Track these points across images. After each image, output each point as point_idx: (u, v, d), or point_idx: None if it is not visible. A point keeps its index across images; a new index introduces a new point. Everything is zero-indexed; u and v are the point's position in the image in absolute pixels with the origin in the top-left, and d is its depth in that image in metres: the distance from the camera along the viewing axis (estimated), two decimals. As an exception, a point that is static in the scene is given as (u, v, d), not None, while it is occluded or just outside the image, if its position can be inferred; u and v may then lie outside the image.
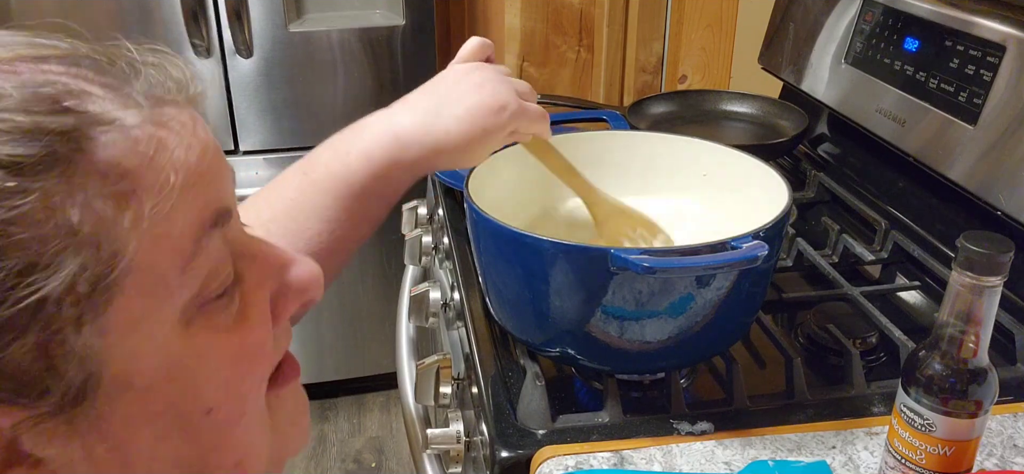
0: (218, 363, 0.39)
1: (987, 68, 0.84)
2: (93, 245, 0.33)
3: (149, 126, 0.36)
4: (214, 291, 0.39)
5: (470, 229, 0.72)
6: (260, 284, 0.42)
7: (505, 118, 0.67)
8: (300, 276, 0.45)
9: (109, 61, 0.38)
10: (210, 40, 1.69)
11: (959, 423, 0.52)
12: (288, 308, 0.44)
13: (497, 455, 0.64)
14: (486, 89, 0.67)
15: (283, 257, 0.45)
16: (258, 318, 0.42)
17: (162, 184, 0.35)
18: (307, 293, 0.45)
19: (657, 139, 0.84)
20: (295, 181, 0.66)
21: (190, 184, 0.37)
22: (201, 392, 0.39)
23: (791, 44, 1.21)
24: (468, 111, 0.66)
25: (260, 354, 0.42)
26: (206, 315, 0.38)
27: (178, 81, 0.40)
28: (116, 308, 0.34)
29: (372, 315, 2.05)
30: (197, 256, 0.37)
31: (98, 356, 0.34)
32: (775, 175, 0.72)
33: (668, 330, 0.63)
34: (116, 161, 0.34)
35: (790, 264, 0.92)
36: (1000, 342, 0.76)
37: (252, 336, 0.41)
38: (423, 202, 1.21)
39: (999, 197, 0.81)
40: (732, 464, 0.62)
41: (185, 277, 0.37)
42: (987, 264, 0.49)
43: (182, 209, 0.36)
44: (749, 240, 0.59)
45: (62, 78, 0.35)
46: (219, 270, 0.39)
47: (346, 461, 2.02)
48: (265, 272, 0.43)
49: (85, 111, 0.34)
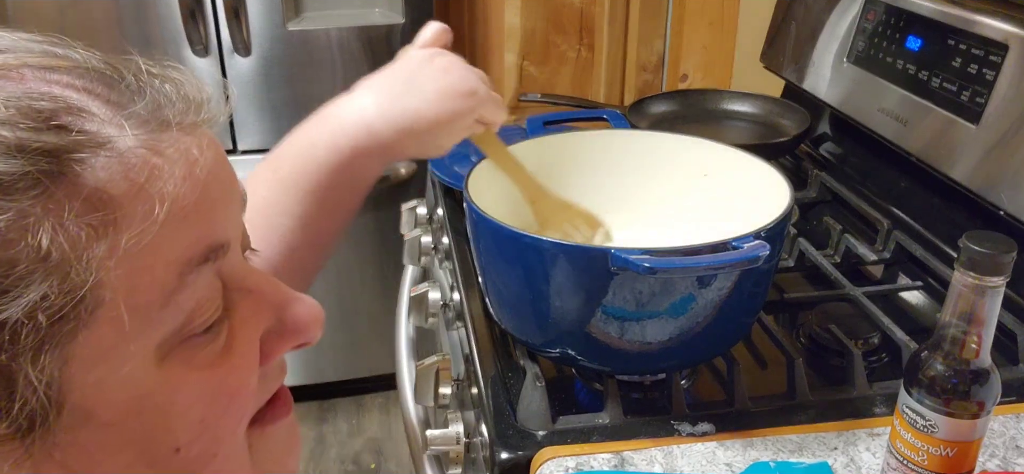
0: (193, 400, 0.37)
1: (990, 67, 0.84)
2: (61, 272, 0.31)
3: (144, 151, 0.34)
4: (198, 327, 0.37)
5: (470, 229, 0.72)
6: (252, 320, 0.40)
7: (473, 102, 0.66)
8: (298, 316, 0.42)
9: (118, 77, 0.36)
10: (208, 39, 1.68)
11: (961, 424, 0.52)
12: (281, 348, 0.42)
13: (497, 456, 0.63)
14: (454, 72, 0.66)
15: (282, 294, 0.42)
16: (243, 356, 0.40)
17: (145, 214, 0.33)
18: (304, 335, 0.43)
19: (658, 138, 0.84)
20: (264, 179, 0.65)
21: (180, 216, 0.35)
22: (171, 429, 0.37)
23: (793, 43, 1.21)
24: (437, 93, 0.65)
25: (241, 394, 0.40)
26: (186, 350, 0.37)
27: (193, 101, 0.38)
28: (83, 339, 0.33)
29: (371, 315, 2.05)
30: (181, 291, 0.35)
31: (59, 385, 0.33)
32: (777, 175, 0.72)
33: (669, 331, 0.63)
34: (101, 187, 0.32)
35: (792, 264, 0.92)
36: (1003, 342, 0.75)
37: (234, 375, 0.39)
38: (423, 202, 1.21)
39: (1002, 197, 0.80)
40: (733, 465, 0.62)
41: (165, 312, 0.35)
42: (990, 264, 0.48)
43: (167, 241, 0.34)
44: (750, 240, 0.59)
45: (65, 92, 0.34)
46: (206, 306, 0.37)
47: (345, 463, 2.01)
48: (260, 308, 0.41)
49: (78, 130, 0.33)
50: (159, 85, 0.37)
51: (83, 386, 0.33)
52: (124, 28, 1.65)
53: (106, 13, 1.63)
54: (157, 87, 0.37)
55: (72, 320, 0.32)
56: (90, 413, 0.34)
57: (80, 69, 0.36)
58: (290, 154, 0.65)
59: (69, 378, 0.33)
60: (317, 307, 0.43)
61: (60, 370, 0.32)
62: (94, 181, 0.32)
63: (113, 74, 0.36)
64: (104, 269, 0.32)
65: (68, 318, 0.32)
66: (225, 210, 0.39)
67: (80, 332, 0.32)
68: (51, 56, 0.35)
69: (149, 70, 0.37)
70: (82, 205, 0.32)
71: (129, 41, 1.66)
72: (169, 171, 0.35)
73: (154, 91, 0.36)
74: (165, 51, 1.67)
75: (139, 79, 0.37)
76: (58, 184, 0.32)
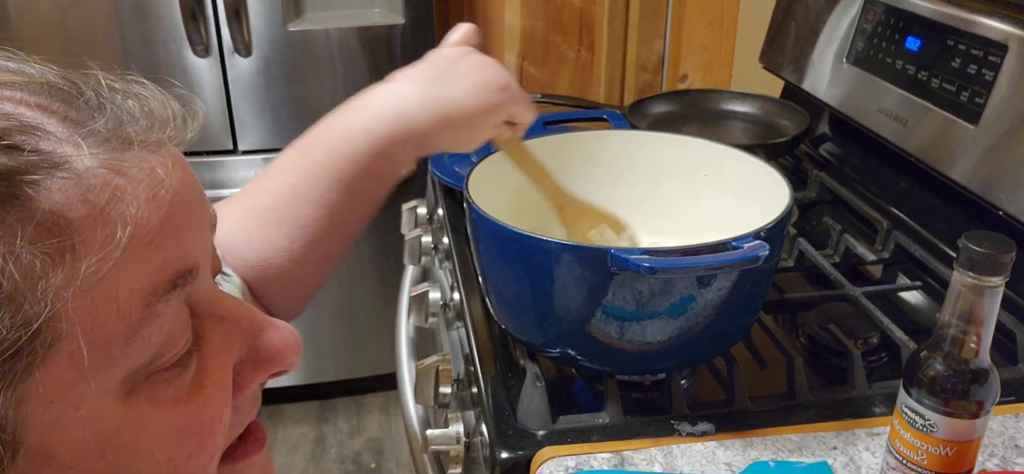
0: (160, 438, 0.35)
1: (989, 68, 0.84)
2: (14, 304, 0.29)
3: (104, 171, 0.31)
4: (166, 361, 0.34)
5: (470, 229, 0.72)
6: (224, 350, 0.38)
7: (507, 97, 0.66)
8: (272, 344, 0.40)
9: (76, 92, 0.34)
10: (209, 39, 1.68)
11: (961, 423, 0.52)
12: (255, 378, 0.40)
13: (497, 456, 0.63)
14: (490, 68, 0.66)
15: (256, 321, 0.40)
16: (215, 390, 0.37)
17: (106, 240, 0.31)
18: (279, 363, 0.40)
19: (658, 138, 0.84)
20: (293, 164, 0.64)
21: (145, 241, 0.32)
22: (137, 470, 0.34)
23: (792, 43, 1.21)
24: (475, 85, 0.65)
25: (212, 430, 0.37)
26: (152, 385, 0.34)
27: (158, 118, 0.35)
28: (40, 376, 0.30)
29: (371, 315, 2.05)
30: (148, 323, 0.33)
31: (14, 427, 0.30)
32: (776, 175, 0.72)
33: (669, 330, 0.63)
34: (57, 210, 0.30)
35: (791, 264, 0.92)
36: (1002, 342, 0.76)
37: (205, 410, 0.36)
38: (423, 202, 1.21)
39: (1001, 197, 0.80)
40: (733, 465, 0.62)
41: (130, 346, 0.32)
42: (989, 264, 0.49)
43: (131, 269, 0.32)
44: (750, 240, 0.59)
45: (18, 109, 0.31)
46: (175, 339, 0.34)
47: (345, 462, 2.01)
48: (233, 337, 0.38)
49: (32, 150, 0.30)
50: (121, 100, 0.34)
51: (41, 426, 0.31)
52: (125, 29, 1.65)
53: (107, 14, 1.64)
54: (119, 103, 0.34)
55: (27, 356, 0.30)
56: (49, 454, 0.32)
57: (35, 84, 0.33)
58: (323, 140, 0.63)
59: (25, 418, 0.31)
60: (293, 333, 0.41)
61: (15, 410, 0.30)
62: (49, 204, 0.30)
63: (71, 89, 0.34)
64: (61, 300, 0.30)
65: (22, 354, 0.29)
66: (193, 233, 0.36)
67: (36, 369, 0.30)
68: (3, 71, 0.33)
69: (111, 85, 0.35)
70: (36, 230, 0.29)
71: (130, 42, 1.66)
72: (132, 192, 0.32)
73: (116, 107, 0.34)
74: (166, 51, 1.67)
75: (99, 94, 0.34)
76: (9, 208, 0.29)
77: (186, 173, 0.36)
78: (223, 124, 1.76)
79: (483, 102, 0.65)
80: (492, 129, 0.68)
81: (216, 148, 1.78)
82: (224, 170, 1.78)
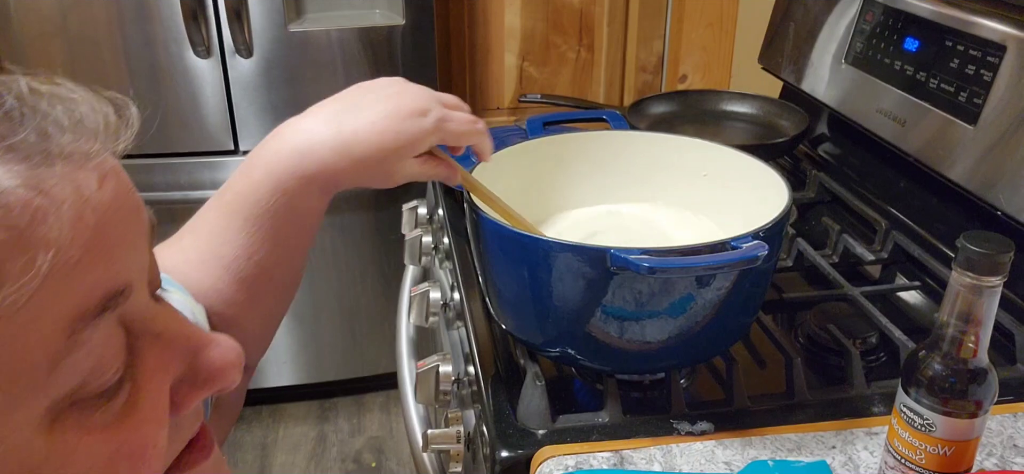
0: (89, 466, 0.32)
1: (987, 68, 0.84)
2: None
3: (24, 191, 0.29)
4: (96, 387, 0.32)
5: (470, 229, 0.72)
6: (161, 370, 0.35)
7: (427, 123, 0.60)
8: (212, 361, 0.37)
9: None
10: (210, 40, 1.69)
11: (959, 423, 0.52)
12: (194, 397, 0.37)
13: (497, 455, 0.64)
14: (405, 95, 0.61)
15: (195, 337, 0.37)
16: (150, 411, 0.34)
17: (25, 266, 0.28)
18: (219, 381, 0.37)
19: (657, 139, 0.84)
20: (212, 206, 0.61)
21: (70, 264, 0.30)
22: None
23: (791, 44, 1.21)
24: (382, 114, 0.59)
25: (145, 455, 0.34)
26: (81, 411, 0.32)
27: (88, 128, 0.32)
28: None
29: (372, 315, 2.05)
30: (74, 351, 0.30)
31: None
32: (775, 175, 0.72)
33: (668, 330, 0.63)
34: None
35: (790, 264, 0.92)
36: (1000, 342, 0.76)
37: (138, 434, 0.34)
38: (423, 202, 1.21)
39: (999, 197, 0.81)
40: (732, 464, 0.62)
41: (55, 376, 0.30)
42: (987, 264, 0.49)
43: (54, 295, 0.29)
44: (749, 240, 0.59)
45: None
46: (105, 364, 0.32)
47: (346, 461, 2.02)
48: (170, 355, 0.36)
49: None
50: (47, 108, 0.31)
51: None
52: (126, 29, 1.65)
53: (108, 14, 1.64)
54: (44, 111, 0.31)
55: None
56: None
57: None
58: (234, 178, 0.60)
59: None
60: (234, 349, 0.38)
61: None
62: None
63: None
64: None
65: None
66: (126, 249, 0.33)
67: None
68: None
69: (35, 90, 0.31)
70: None
71: (131, 43, 1.66)
72: (55, 214, 0.29)
73: (40, 117, 0.30)
74: (167, 52, 1.68)
75: (22, 103, 0.30)
76: None
77: (120, 183, 0.33)
78: (224, 125, 1.76)
79: (390, 132, 0.59)
80: (415, 164, 0.62)
81: (217, 149, 1.78)
82: (225, 170, 1.78)
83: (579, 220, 0.82)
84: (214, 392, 0.38)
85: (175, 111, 1.73)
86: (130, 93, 0.35)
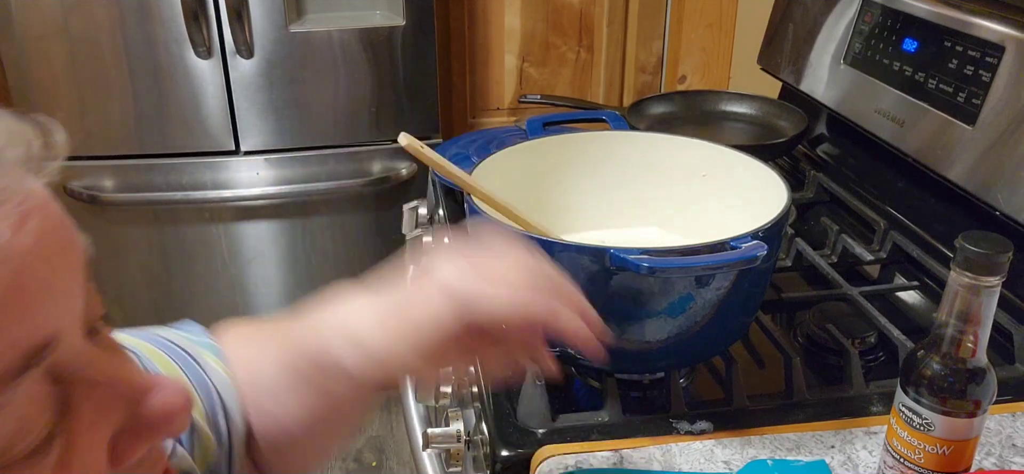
0: None
1: (986, 69, 0.84)
2: None
3: None
4: (21, 451, 0.28)
5: (470, 229, 0.72)
6: (98, 422, 0.31)
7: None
8: (155, 409, 0.33)
9: None
10: (211, 40, 1.69)
11: (957, 422, 0.52)
12: (137, 448, 0.33)
13: (497, 454, 0.64)
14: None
15: (137, 383, 0.33)
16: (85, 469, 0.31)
17: None
18: (164, 430, 0.33)
19: (657, 139, 0.84)
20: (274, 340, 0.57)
21: None
22: None
23: (790, 44, 1.22)
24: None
25: None
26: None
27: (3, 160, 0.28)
28: None
29: (372, 315, 2.05)
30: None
31: None
32: (774, 175, 0.73)
33: (668, 330, 0.63)
34: None
35: (789, 264, 0.92)
36: (998, 342, 0.76)
37: None
38: (424, 202, 1.21)
39: (998, 197, 0.81)
40: (731, 463, 0.63)
41: None
42: (985, 264, 0.49)
43: None
44: (748, 240, 0.60)
45: None
46: (30, 425, 0.28)
47: (346, 460, 2.02)
48: (109, 405, 0.32)
49: None
50: None
51: None
52: (127, 30, 1.65)
53: (109, 14, 1.64)
54: None
55: None
56: None
57: None
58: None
59: None
60: (180, 393, 0.33)
61: None
62: None
63: None
64: None
65: None
66: (53, 296, 0.29)
67: None
68: None
69: None
70: None
71: (132, 43, 1.66)
72: None
73: None
74: (168, 52, 1.68)
75: None
76: None
77: (46, 220, 0.29)
78: (225, 125, 1.76)
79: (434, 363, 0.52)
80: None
81: (218, 149, 1.78)
82: (226, 171, 1.78)
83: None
84: (159, 441, 0.34)
85: (176, 111, 1.73)
86: (131, 93, 0.32)
